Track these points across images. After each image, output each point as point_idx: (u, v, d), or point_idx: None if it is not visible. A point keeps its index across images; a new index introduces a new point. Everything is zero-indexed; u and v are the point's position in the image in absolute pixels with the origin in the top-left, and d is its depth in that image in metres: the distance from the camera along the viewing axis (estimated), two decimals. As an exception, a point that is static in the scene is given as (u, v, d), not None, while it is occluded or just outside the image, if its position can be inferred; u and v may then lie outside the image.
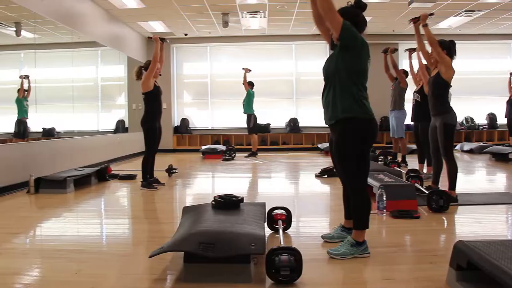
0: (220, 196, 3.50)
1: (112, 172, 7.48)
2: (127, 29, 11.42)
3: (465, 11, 10.48)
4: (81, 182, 6.57)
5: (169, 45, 13.39)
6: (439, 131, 4.95)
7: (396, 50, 8.15)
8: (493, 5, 10.03)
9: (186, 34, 12.87)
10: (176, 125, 13.78)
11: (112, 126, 10.78)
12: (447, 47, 4.92)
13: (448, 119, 4.91)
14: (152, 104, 6.29)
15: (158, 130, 6.36)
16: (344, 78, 3.05)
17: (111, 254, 3.38)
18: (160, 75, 6.46)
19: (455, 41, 5.02)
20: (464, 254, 2.47)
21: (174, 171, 7.65)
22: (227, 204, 3.41)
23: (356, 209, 3.13)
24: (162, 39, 6.43)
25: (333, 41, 3.23)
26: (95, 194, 6.26)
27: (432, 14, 5.14)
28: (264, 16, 10.85)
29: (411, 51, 7.57)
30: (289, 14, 10.71)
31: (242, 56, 13.88)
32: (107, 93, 10.74)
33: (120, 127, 11.02)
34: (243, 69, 11.13)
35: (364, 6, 3.18)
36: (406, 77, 8.20)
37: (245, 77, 11.10)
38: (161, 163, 8.13)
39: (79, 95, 9.03)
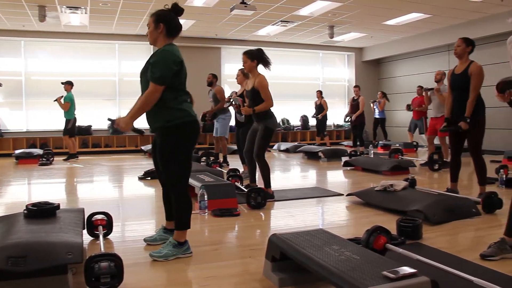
0: (34, 204, 3.25)
1: None
2: None
3: (281, 21, 11.36)
4: None
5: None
6: (259, 133, 5.25)
7: None
8: (304, 18, 11.07)
9: (-6, 26, 11.63)
10: (-16, 127, 12.35)
11: None
12: (256, 57, 5.21)
13: (270, 124, 5.26)
14: None
15: None
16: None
17: None
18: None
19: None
20: (277, 246, 2.70)
21: (-20, 178, 6.87)
22: (41, 212, 3.17)
23: (177, 210, 3.17)
24: None
25: None
26: None
27: None
28: (86, 13, 10.34)
29: None
30: (112, 12, 10.37)
31: (62, 54, 13.06)
32: None
33: None
34: (55, 100, 10.18)
35: (180, 11, 3.21)
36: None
37: (60, 103, 10.19)
38: (-36, 170, 7.23)
39: None
